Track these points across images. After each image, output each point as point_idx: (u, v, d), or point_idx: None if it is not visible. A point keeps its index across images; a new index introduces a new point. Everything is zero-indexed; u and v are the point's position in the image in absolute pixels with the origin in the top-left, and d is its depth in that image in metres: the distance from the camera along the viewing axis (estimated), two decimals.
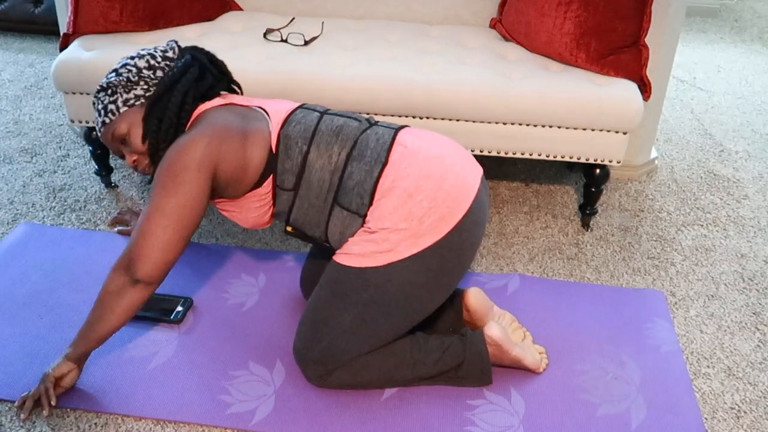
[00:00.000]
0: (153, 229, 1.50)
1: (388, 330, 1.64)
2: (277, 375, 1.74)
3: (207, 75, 1.68)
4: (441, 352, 1.68)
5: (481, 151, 2.23)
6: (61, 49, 2.33)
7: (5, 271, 2.04)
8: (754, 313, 2.04)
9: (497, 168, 2.72)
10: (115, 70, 1.65)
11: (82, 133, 2.79)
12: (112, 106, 1.63)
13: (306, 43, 2.33)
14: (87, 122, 2.30)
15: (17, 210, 2.34)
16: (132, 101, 1.62)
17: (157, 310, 1.90)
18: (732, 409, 1.73)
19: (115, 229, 2.22)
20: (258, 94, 2.17)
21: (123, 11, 2.30)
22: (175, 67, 1.64)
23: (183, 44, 2.30)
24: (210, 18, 2.51)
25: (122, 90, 1.62)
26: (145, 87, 1.63)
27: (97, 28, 2.31)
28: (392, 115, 2.19)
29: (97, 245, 2.17)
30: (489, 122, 2.17)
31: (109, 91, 1.63)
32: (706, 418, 1.70)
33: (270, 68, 2.17)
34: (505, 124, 2.17)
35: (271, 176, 1.61)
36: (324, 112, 1.68)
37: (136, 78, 1.62)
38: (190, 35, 2.39)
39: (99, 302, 1.55)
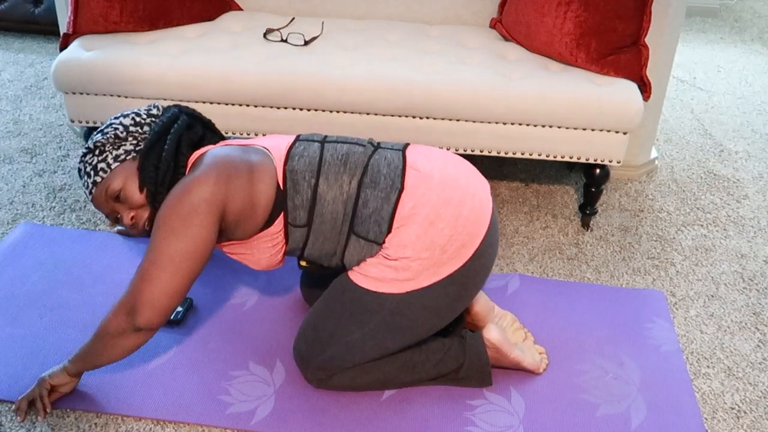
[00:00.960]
0: (160, 276, 1.44)
1: (396, 346, 1.64)
2: (277, 375, 1.74)
3: (196, 124, 1.63)
4: (441, 354, 1.68)
5: (481, 151, 2.23)
6: (61, 49, 2.33)
7: (5, 271, 2.04)
8: (754, 313, 2.04)
9: (497, 168, 2.72)
10: (101, 131, 1.58)
11: (82, 133, 2.79)
12: (102, 164, 1.55)
13: (306, 43, 2.33)
14: (87, 122, 2.30)
15: (17, 210, 2.34)
16: (123, 156, 1.55)
17: None
18: (732, 409, 1.73)
19: (115, 229, 2.22)
20: (258, 94, 2.17)
21: (123, 11, 2.30)
22: (161, 120, 1.58)
23: (183, 44, 2.29)
24: (210, 18, 2.51)
25: (111, 147, 1.55)
26: (135, 142, 1.56)
27: (97, 28, 2.31)
28: (392, 115, 2.19)
29: (97, 245, 2.17)
30: (489, 122, 2.17)
31: (97, 151, 1.56)
32: (706, 418, 1.69)
33: (270, 68, 2.17)
34: (505, 124, 2.17)
35: (281, 214, 1.56)
36: (323, 141, 1.62)
37: (124, 134, 1.56)
38: (190, 35, 2.39)
39: (99, 339, 1.51)
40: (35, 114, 2.96)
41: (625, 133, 2.16)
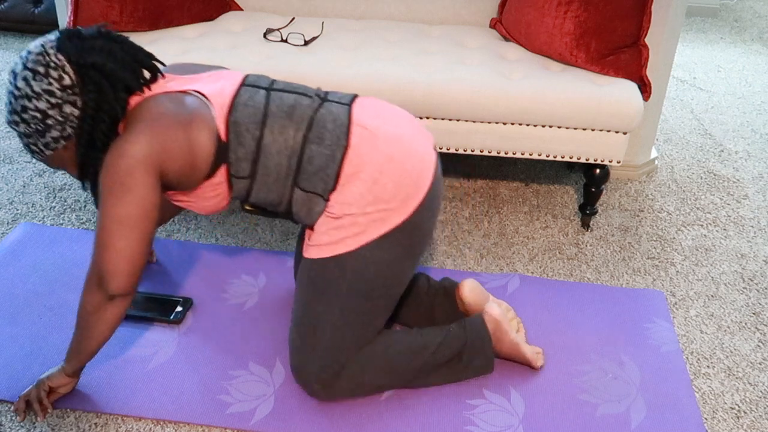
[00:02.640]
0: (115, 243, 1.43)
1: (375, 313, 1.62)
2: (277, 375, 1.74)
3: (126, 78, 1.47)
4: (442, 336, 1.68)
5: (481, 151, 2.23)
6: None
7: (5, 271, 2.04)
8: (754, 313, 2.04)
9: (497, 168, 2.72)
10: (17, 112, 1.44)
11: None
12: (33, 147, 1.48)
13: (306, 43, 2.33)
14: None
15: (17, 210, 2.34)
16: (52, 144, 1.47)
17: (157, 311, 1.90)
18: (732, 409, 1.73)
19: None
20: None
21: (123, 11, 2.30)
22: (86, 102, 1.44)
23: (183, 44, 2.29)
24: (210, 18, 2.51)
25: (37, 136, 1.46)
26: (60, 128, 1.45)
27: None
28: None
29: None
30: (489, 122, 2.17)
31: (23, 131, 1.46)
32: (706, 418, 1.69)
33: (270, 68, 2.17)
34: (505, 124, 2.17)
35: (224, 166, 1.53)
36: (270, 88, 1.58)
37: (43, 126, 1.44)
38: (190, 35, 2.39)
39: (80, 323, 1.50)
40: None
41: (625, 133, 2.16)
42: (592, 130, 2.16)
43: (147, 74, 2.01)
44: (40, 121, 1.44)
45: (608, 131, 2.16)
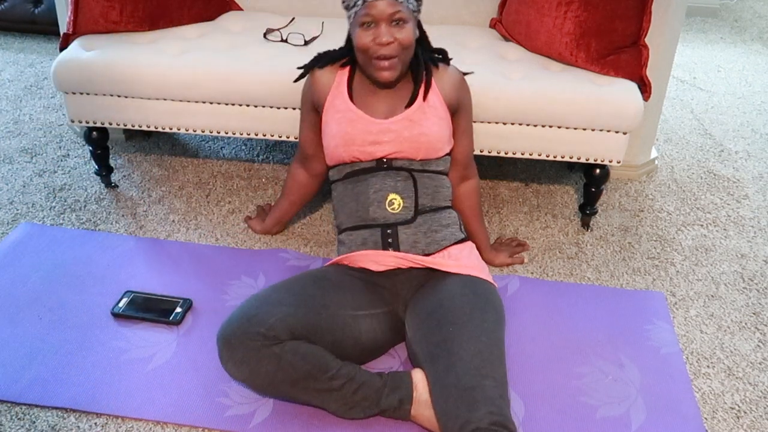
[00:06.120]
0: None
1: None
2: None
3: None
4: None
5: (481, 151, 2.23)
6: (61, 49, 2.32)
7: (5, 271, 2.04)
8: (754, 313, 2.03)
9: (497, 168, 2.72)
10: None
11: (82, 133, 2.79)
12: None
13: (306, 43, 2.32)
14: (87, 122, 2.30)
15: (17, 210, 2.34)
16: (416, 6, 1.83)
17: (156, 312, 1.90)
18: (732, 409, 1.73)
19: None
20: (258, 95, 2.17)
21: (123, 11, 2.29)
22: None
23: (183, 44, 2.29)
24: (210, 18, 2.51)
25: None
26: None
27: (97, 28, 2.31)
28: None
29: (97, 245, 2.17)
30: (489, 122, 2.17)
31: None
32: (706, 418, 1.69)
33: (270, 68, 2.17)
34: (505, 124, 2.17)
35: None
36: None
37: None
38: (190, 35, 2.39)
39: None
40: (35, 114, 2.96)
41: (625, 133, 2.16)
42: (592, 130, 2.16)
43: None
44: None
45: (608, 131, 2.16)
